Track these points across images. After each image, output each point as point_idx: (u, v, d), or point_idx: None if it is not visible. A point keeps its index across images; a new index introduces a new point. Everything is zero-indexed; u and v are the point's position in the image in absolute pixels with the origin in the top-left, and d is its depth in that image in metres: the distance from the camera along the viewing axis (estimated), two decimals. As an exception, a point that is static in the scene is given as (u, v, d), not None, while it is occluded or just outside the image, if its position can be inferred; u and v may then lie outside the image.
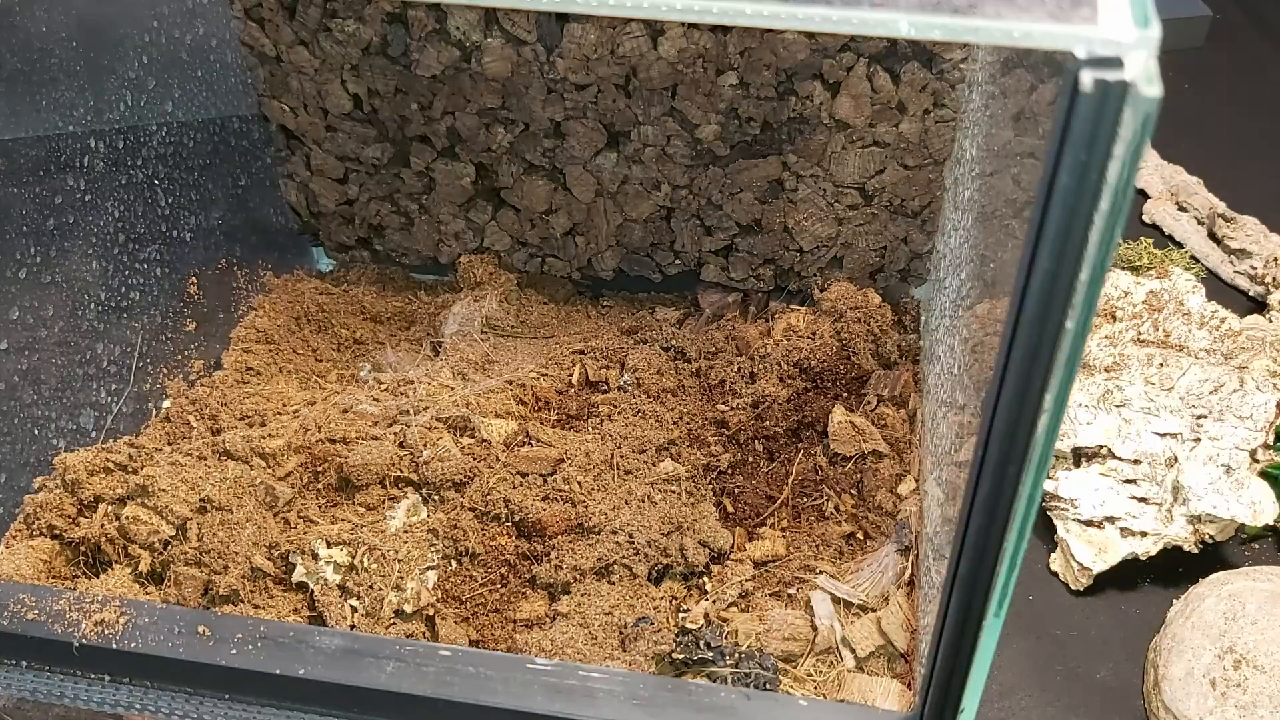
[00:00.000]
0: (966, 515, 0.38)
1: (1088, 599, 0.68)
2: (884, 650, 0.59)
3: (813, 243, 0.77)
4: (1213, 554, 0.68)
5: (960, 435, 0.50)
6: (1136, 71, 0.27)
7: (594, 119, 0.73)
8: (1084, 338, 0.31)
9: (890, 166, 0.73)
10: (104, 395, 0.68)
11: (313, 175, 0.81)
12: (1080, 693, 0.64)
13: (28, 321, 0.62)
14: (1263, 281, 0.85)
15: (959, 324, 0.56)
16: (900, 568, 0.62)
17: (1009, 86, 0.48)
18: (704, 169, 0.74)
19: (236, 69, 0.76)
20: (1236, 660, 0.60)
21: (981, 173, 0.55)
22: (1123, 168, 0.28)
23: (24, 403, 0.63)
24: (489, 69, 0.71)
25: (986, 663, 0.42)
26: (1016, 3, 0.28)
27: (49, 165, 0.62)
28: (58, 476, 0.64)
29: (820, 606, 0.60)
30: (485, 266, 0.81)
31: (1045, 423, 0.34)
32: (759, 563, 0.63)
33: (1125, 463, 0.67)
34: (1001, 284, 0.39)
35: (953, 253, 0.63)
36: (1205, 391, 0.70)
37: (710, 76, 0.70)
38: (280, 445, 0.65)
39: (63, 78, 0.63)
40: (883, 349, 0.73)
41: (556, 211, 0.79)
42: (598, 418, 0.68)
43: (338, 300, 0.81)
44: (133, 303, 0.70)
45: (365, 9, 0.71)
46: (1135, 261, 0.85)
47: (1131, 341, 0.74)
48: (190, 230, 0.74)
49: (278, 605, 0.60)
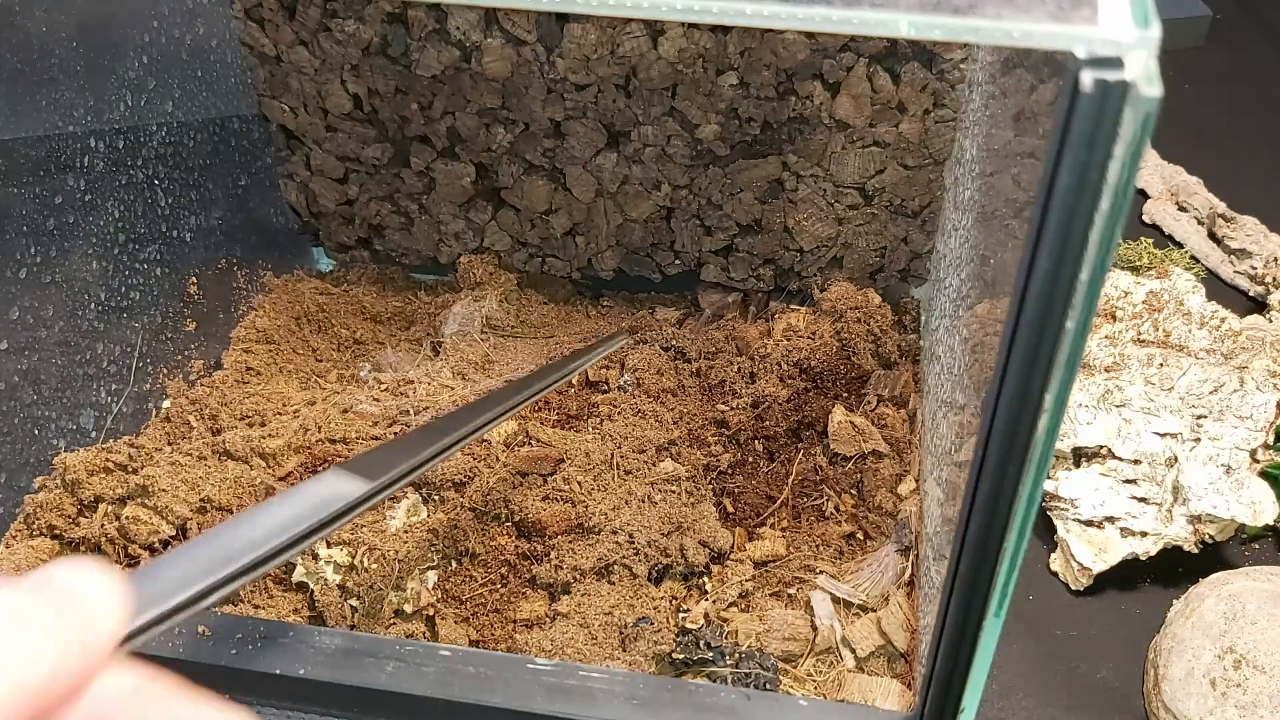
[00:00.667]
0: (966, 515, 0.38)
1: (1088, 599, 0.68)
2: (884, 650, 0.59)
3: (813, 243, 0.77)
4: (1213, 554, 0.68)
5: (960, 435, 0.50)
6: (1136, 71, 0.27)
7: (594, 119, 0.73)
8: (1084, 338, 0.31)
9: (890, 166, 0.73)
10: (104, 395, 0.68)
11: (313, 175, 0.81)
12: (1080, 693, 0.64)
13: (28, 321, 0.62)
14: (1263, 281, 0.85)
15: (959, 324, 0.56)
16: (900, 568, 0.62)
17: (1009, 86, 0.48)
18: (704, 169, 0.75)
19: (236, 69, 0.76)
20: (1236, 660, 0.60)
21: (981, 173, 0.55)
22: (1123, 168, 0.28)
23: (24, 403, 0.63)
24: (489, 69, 0.71)
25: (986, 663, 0.42)
26: (1016, 3, 0.28)
27: (49, 165, 0.62)
28: (58, 476, 0.64)
29: (820, 606, 0.60)
30: (485, 266, 0.81)
31: (1045, 423, 0.34)
32: (759, 563, 0.63)
33: (1125, 463, 0.67)
34: (1001, 284, 0.39)
35: (953, 253, 0.63)
36: (1205, 391, 0.70)
37: (710, 76, 0.70)
38: (280, 445, 0.65)
39: (63, 78, 0.63)
40: (883, 349, 0.73)
41: (556, 211, 0.79)
42: (598, 418, 0.68)
43: (338, 300, 0.81)
44: (133, 303, 0.70)
45: (365, 9, 0.71)
46: (1135, 261, 0.85)
47: (1131, 341, 0.74)
48: (190, 230, 0.74)
49: (278, 605, 0.60)
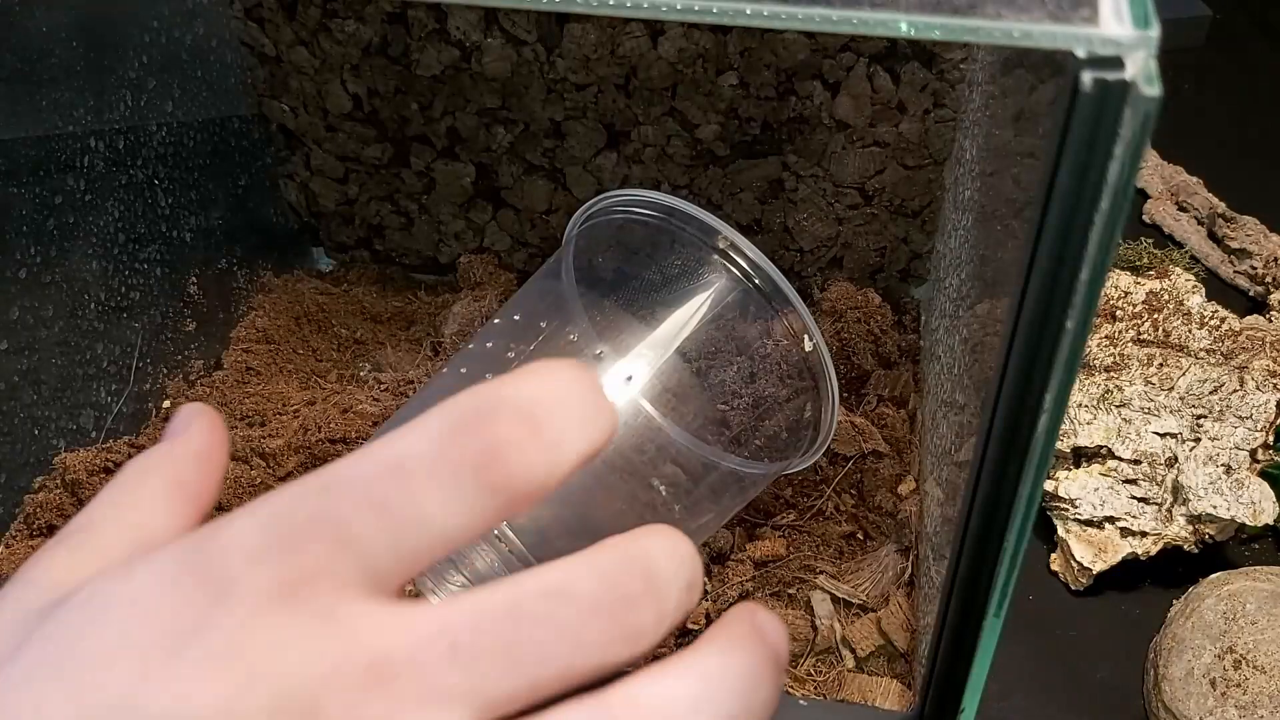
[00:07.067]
0: (966, 515, 0.38)
1: (1088, 599, 0.68)
2: (884, 650, 0.59)
3: (813, 243, 0.77)
4: (1213, 554, 0.68)
5: (960, 435, 0.50)
6: (1136, 71, 0.27)
7: (594, 119, 0.73)
8: (1084, 338, 0.31)
9: (890, 166, 0.73)
10: (104, 395, 0.68)
11: (313, 175, 0.81)
12: (1080, 693, 0.64)
13: (28, 321, 0.62)
14: (1263, 281, 0.85)
15: (959, 324, 0.56)
16: (900, 568, 0.62)
17: (1009, 86, 0.48)
18: (704, 169, 0.74)
19: (236, 69, 0.76)
20: (1236, 660, 0.60)
21: (981, 173, 0.55)
22: (1123, 168, 0.28)
23: (24, 403, 0.63)
24: (489, 69, 0.71)
25: (986, 663, 0.42)
26: (1016, 3, 0.28)
27: (49, 165, 0.62)
28: (58, 476, 0.64)
29: (820, 606, 0.60)
30: (485, 266, 0.81)
31: (1045, 423, 0.34)
32: (759, 563, 0.63)
33: (1125, 463, 0.67)
34: (1001, 284, 0.39)
35: (953, 253, 0.63)
36: (1205, 391, 0.70)
37: (710, 76, 0.70)
38: (280, 445, 0.65)
39: (63, 78, 0.63)
40: (883, 349, 0.73)
41: (557, 211, 0.79)
42: (598, 418, 0.68)
43: (338, 300, 0.81)
44: (133, 303, 0.70)
45: (365, 9, 0.71)
46: (1135, 261, 0.85)
47: (1131, 341, 0.74)
48: (190, 230, 0.74)
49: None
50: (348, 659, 0.24)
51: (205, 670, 0.23)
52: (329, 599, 0.24)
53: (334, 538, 0.24)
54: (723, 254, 0.51)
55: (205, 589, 0.24)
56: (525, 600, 0.25)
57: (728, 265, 0.52)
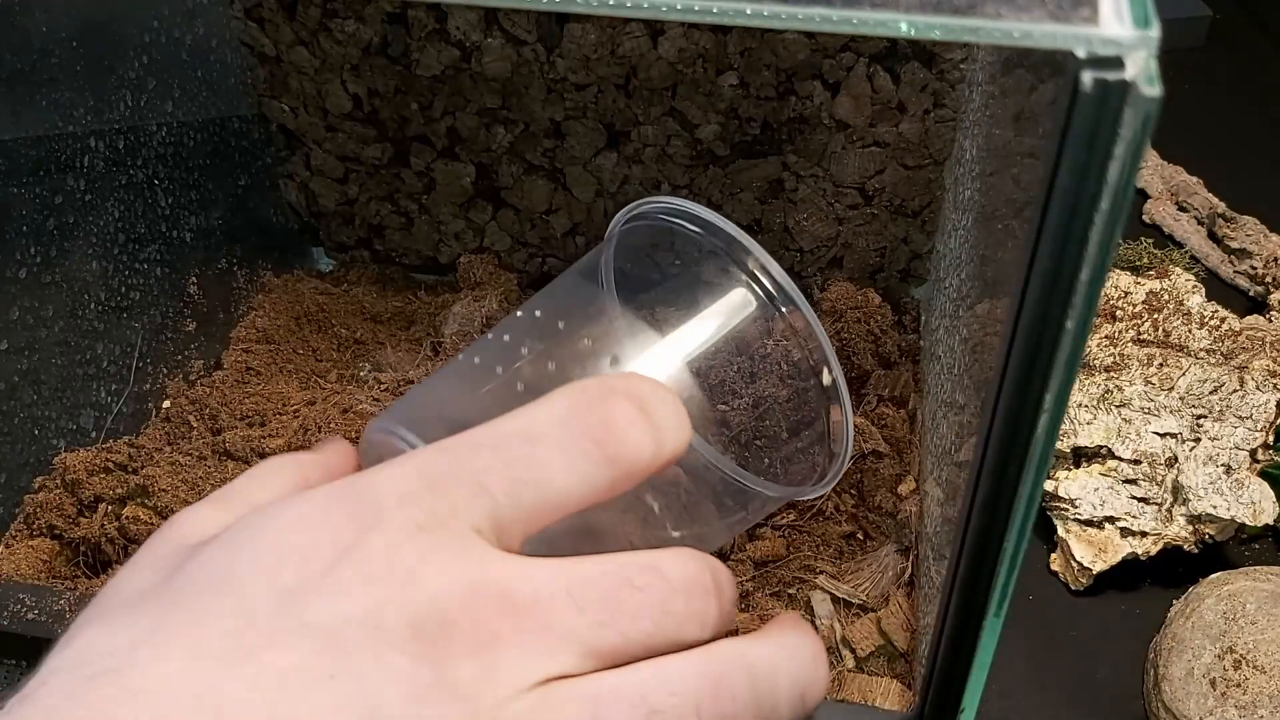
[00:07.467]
0: (966, 515, 0.38)
1: (1088, 599, 0.68)
2: (884, 650, 0.59)
3: (813, 243, 0.77)
4: (1213, 554, 0.68)
5: (960, 435, 0.50)
6: (1136, 71, 0.27)
7: (594, 119, 0.73)
8: (1084, 338, 0.31)
9: (890, 166, 0.73)
10: (104, 395, 0.68)
11: (313, 175, 0.81)
12: (1080, 693, 0.64)
13: (28, 321, 0.62)
14: (1263, 281, 0.85)
15: (959, 324, 0.56)
16: (900, 568, 0.62)
17: (1009, 86, 0.48)
18: (704, 169, 0.74)
19: (236, 69, 0.76)
20: (1236, 660, 0.60)
21: (981, 173, 0.55)
22: (1123, 168, 0.28)
23: (24, 403, 0.63)
24: (489, 69, 0.71)
25: (986, 663, 0.42)
26: (1016, 3, 0.28)
27: (49, 165, 0.62)
28: (58, 476, 0.64)
29: (820, 606, 0.60)
30: (485, 266, 0.80)
31: (1045, 423, 0.34)
32: (759, 563, 0.63)
33: (1125, 463, 0.67)
34: (1001, 284, 0.39)
35: (953, 253, 0.63)
36: (1205, 391, 0.70)
37: (710, 76, 0.70)
38: (280, 445, 0.65)
39: (63, 78, 0.63)
40: (883, 349, 0.73)
41: (557, 211, 0.79)
42: (598, 418, 0.68)
43: (338, 300, 0.81)
44: (133, 303, 0.70)
45: (365, 9, 0.71)
46: (1135, 261, 0.85)
47: (1131, 341, 0.74)
48: (190, 230, 0.74)
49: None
50: (481, 586, 0.27)
51: (356, 583, 0.27)
52: (466, 538, 0.28)
53: (471, 487, 0.28)
54: (751, 275, 0.52)
55: (357, 520, 0.28)
56: (629, 568, 0.29)
57: (755, 288, 0.53)
